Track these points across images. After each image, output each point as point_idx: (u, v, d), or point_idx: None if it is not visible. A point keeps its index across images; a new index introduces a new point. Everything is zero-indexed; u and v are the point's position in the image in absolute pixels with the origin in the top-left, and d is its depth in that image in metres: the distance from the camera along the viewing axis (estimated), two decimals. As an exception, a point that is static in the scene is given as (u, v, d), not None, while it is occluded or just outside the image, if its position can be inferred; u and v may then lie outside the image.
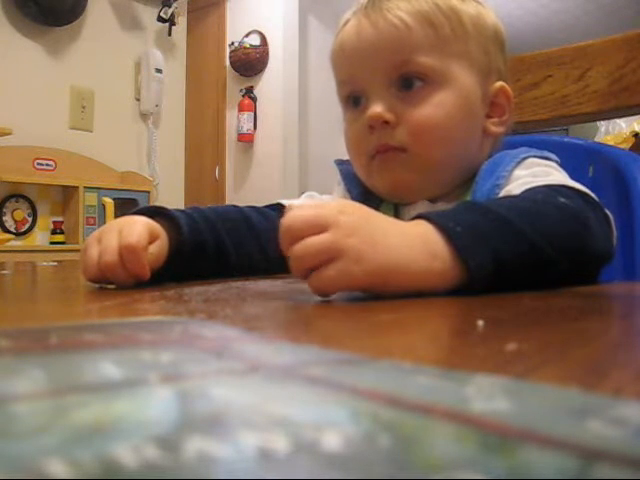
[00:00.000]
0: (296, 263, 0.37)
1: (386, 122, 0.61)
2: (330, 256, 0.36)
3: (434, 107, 0.61)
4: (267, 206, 0.69)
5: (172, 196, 2.95)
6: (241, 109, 3.44)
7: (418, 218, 0.41)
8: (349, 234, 0.36)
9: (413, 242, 0.38)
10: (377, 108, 0.61)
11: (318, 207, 0.39)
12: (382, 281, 0.37)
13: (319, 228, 0.37)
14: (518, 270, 0.41)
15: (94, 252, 0.49)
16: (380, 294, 0.38)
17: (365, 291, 0.38)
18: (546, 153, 0.62)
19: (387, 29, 0.61)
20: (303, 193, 0.78)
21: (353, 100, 0.66)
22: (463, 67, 0.62)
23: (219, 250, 0.58)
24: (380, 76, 0.62)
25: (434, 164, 0.62)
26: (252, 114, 3.45)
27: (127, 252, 0.48)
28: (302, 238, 0.37)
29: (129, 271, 0.48)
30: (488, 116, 0.66)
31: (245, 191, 3.50)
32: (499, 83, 0.66)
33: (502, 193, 0.58)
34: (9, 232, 2.68)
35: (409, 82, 0.62)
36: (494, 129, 0.66)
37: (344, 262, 0.36)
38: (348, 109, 0.67)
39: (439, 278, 0.38)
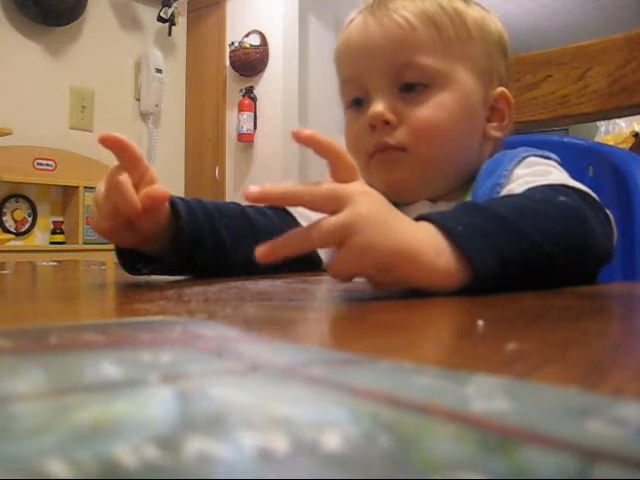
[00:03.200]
0: (311, 243, 0.37)
1: (387, 122, 0.61)
2: (342, 236, 0.36)
3: (435, 108, 0.61)
4: (266, 207, 0.69)
5: (172, 196, 2.95)
6: (241, 109, 3.43)
7: (419, 219, 0.41)
8: (364, 216, 0.36)
9: (423, 236, 0.38)
10: (378, 107, 0.61)
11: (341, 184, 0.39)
12: (388, 267, 0.37)
13: (337, 203, 0.37)
14: (520, 269, 0.41)
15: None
16: (381, 283, 0.38)
17: (369, 276, 0.38)
18: (546, 152, 0.63)
19: (392, 28, 0.61)
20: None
21: (355, 99, 0.66)
22: (465, 70, 0.63)
23: (216, 241, 0.58)
24: (383, 75, 0.62)
25: (433, 164, 0.62)
26: (252, 114, 3.45)
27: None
28: (322, 210, 0.37)
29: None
30: (488, 120, 0.66)
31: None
32: (500, 89, 0.66)
33: (503, 192, 0.58)
34: (9, 232, 2.68)
35: (411, 82, 0.62)
36: (494, 133, 0.66)
37: (355, 245, 0.36)
38: (350, 108, 0.67)
39: (443, 276, 0.38)
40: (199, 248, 0.56)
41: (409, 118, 0.61)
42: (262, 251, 0.37)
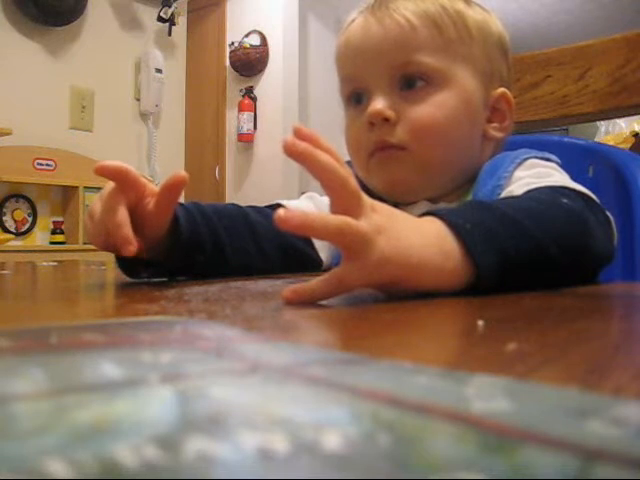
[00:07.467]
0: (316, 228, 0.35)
1: (386, 119, 0.61)
2: (357, 245, 0.35)
3: (435, 107, 0.61)
4: (267, 206, 0.69)
5: (172, 196, 2.95)
6: (241, 109, 3.43)
7: (428, 214, 0.41)
8: (379, 231, 0.35)
9: (431, 242, 0.38)
10: (378, 105, 0.61)
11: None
12: (398, 280, 0.37)
13: (352, 205, 0.35)
14: (522, 268, 0.41)
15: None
16: (390, 292, 0.38)
17: (378, 289, 0.38)
18: (547, 154, 0.63)
19: (392, 28, 0.61)
20: (303, 193, 0.78)
21: (355, 98, 0.66)
22: (466, 70, 0.63)
23: (215, 245, 0.58)
24: (383, 74, 0.62)
25: (432, 164, 0.62)
26: (252, 114, 3.45)
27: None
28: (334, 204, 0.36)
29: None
30: (489, 121, 0.66)
31: (245, 191, 3.49)
32: (501, 89, 0.66)
33: (503, 194, 0.58)
34: (9, 232, 2.68)
35: (411, 81, 0.62)
36: (494, 134, 0.66)
37: (368, 260, 0.35)
38: (350, 107, 0.67)
39: (450, 278, 0.38)
40: (199, 252, 0.56)
41: (408, 116, 0.61)
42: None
